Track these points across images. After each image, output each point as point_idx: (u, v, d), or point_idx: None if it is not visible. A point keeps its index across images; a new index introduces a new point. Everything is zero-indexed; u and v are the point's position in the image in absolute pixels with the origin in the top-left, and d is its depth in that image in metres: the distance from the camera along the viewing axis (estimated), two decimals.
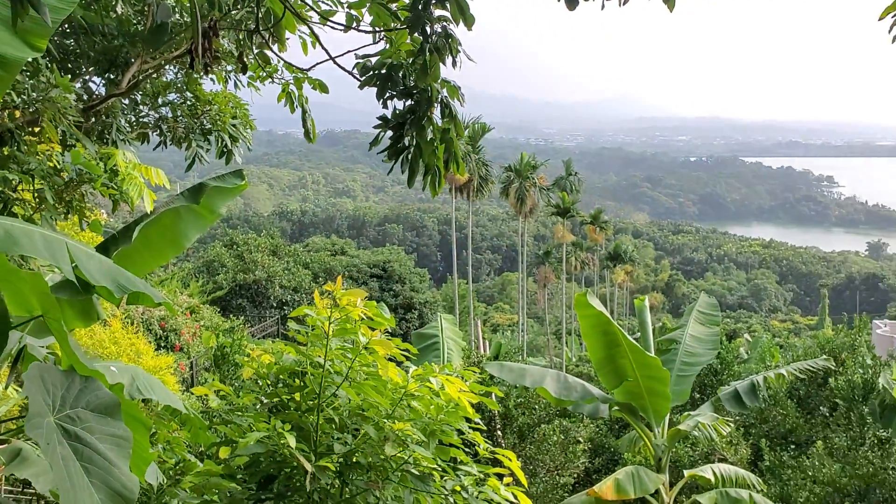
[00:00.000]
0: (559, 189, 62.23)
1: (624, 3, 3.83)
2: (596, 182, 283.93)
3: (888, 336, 49.78)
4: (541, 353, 68.93)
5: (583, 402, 9.50)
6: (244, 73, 6.63)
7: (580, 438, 11.98)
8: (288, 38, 5.71)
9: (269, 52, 6.22)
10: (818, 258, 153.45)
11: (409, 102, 4.43)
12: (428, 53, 4.11)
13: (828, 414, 13.41)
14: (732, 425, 10.76)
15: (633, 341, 9.03)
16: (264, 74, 6.98)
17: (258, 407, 4.78)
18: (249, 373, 4.82)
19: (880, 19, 4.31)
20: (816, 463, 11.25)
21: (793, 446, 12.99)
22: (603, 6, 3.89)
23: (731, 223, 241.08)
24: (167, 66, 7.35)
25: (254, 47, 6.21)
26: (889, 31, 4.27)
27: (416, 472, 4.36)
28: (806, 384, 14.11)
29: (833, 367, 12.93)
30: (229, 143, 7.42)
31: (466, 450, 4.66)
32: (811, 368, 10.40)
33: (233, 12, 5.88)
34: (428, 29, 4.13)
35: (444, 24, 4.16)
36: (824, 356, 11.96)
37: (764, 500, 9.19)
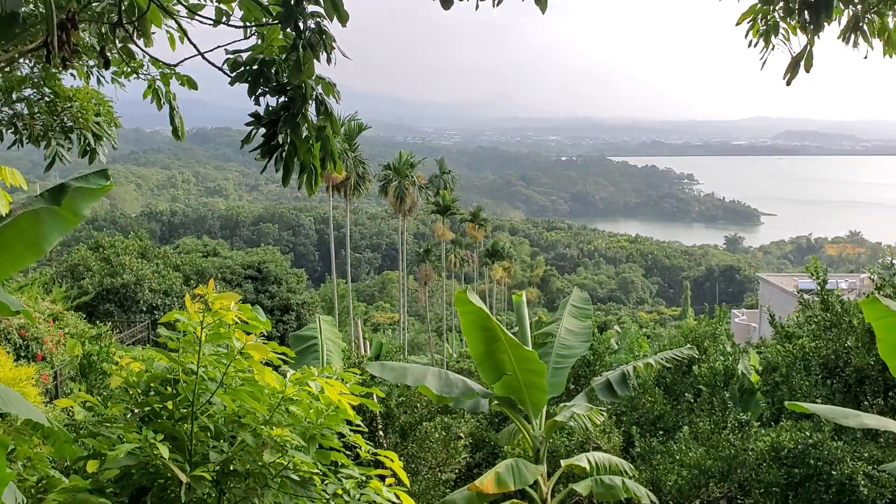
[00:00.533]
0: (434, 187, 62.76)
1: (498, 4, 3.88)
2: (473, 180, 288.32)
3: (745, 324, 53.08)
4: (422, 350, 69.37)
5: (464, 398, 9.60)
6: (107, 69, 6.30)
7: (461, 434, 12.11)
8: (154, 33, 5.46)
9: (133, 47, 5.92)
10: (680, 252, 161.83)
11: (282, 99, 4.32)
12: (301, 50, 4.03)
13: (692, 400, 14.12)
14: (605, 414, 11.16)
15: (512, 336, 9.20)
16: (129, 70, 6.65)
17: (128, 417, 4.55)
18: (118, 381, 4.57)
19: (737, 24, 4.59)
20: (683, 447, 11.79)
21: (661, 432, 13.59)
22: (477, 6, 3.93)
23: (601, 220, 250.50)
24: (22, 60, 6.90)
25: (117, 41, 5.91)
26: (745, 36, 4.56)
27: (297, 478, 4.27)
28: (672, 372, 14.81)
29: (697, 356, 13.66)
30: (92, 142, 7.06)
31: (348, 452, 4.61)
32: (677, 357, 10.95)
33: (93, 4, 5.58)
34: (301, 25, 4.05)
35: (318, 20, 4.08)
36: (689, 345, 12.59)
37: (636, 486, 9.58)
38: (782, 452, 9.90)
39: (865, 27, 4.53)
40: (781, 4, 4.25)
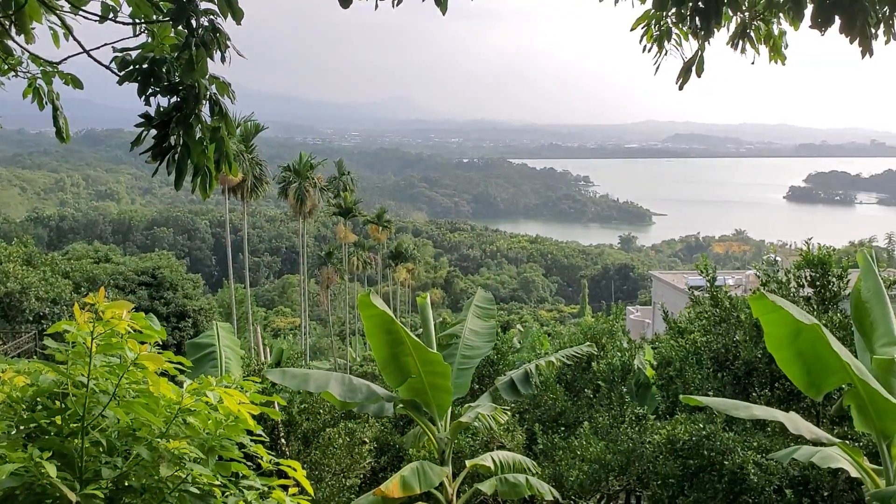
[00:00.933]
0: (335, 189, 62.13)
1: (398, 4, 3.85)
2: (376, 182, 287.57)
3: (640, 320, 54.88)
4: (325, 355, 68.55)
5: (368, 403, 9.50)
6: None
7: (366, 439, 11.99)
8: (34, 28, 5.16)
9: (10, 43, 5.57)
10: (578, 251, 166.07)
11: (174, 99, 4.15)
12: (194, 48, 3.88)
13: (592, 395, 14.46)
14: (509, 413, 11.30)
15: (416, 339, 9.18)
16: (6, 67, 6.26)
17: (13, 434, 4.27)
18: (0, 397, 4.29)
19: (632, 30, 4.71)
20: (584, 442, 12.05)
21: (563, 428, 13.86)
22: (377, 6, 3.88)
23: (502, 221, 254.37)
24: None
25: None
26: (640, 41, 4.68)
27: (196, 491, 4.11)
28: (572, 369, 15.15)
29: (595, 352, 14.01)
30: None
31: (249, 463, 4.47)
32: (577, 354, 11.20)
33: None
34: (193, 22, 3.90)
35: (212, 17, 3.94)
36: (588, 343, 12.92)
37: (539, 482, 9.72)
38: (678, 444, 10.25)
39: (752, 34, 4.74)
40: (674, 10, 4.39)
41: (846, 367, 6.13)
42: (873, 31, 3.81)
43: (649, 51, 4.79)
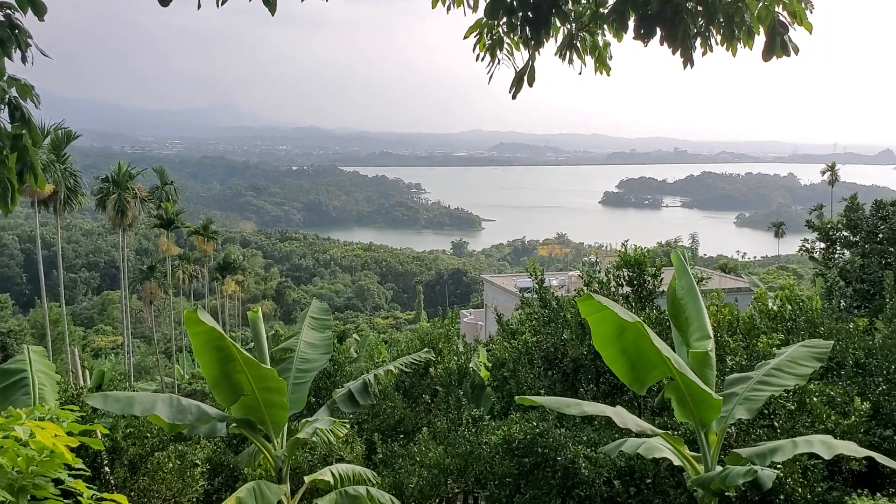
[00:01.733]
0: (157, 199, 59.11)
1: (222, 4, 3.65)
2: (200, 191, 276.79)
3: (473, 323, 56.23)
4: (150, 374, 64.91)
5: (199, 424, 9.01)
6: None
7: (198, 461, 11.40)
8: None
9: None
10: (413, 258, 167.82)
11: None
12: None
13: (430, 400, 14.58)
14: (348, 426, 11.13)
15: (248, 355, 8.82)
16: None
17: None
18: None
19: (465, 38, 4.74)
20: (423, 448, 12.10)
21: (402, 435, 13.86)
22: (199, 5, 3.66)
23: (335, 229, 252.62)
24: None
25: None
26: (473, 50, 4.73)
27: None
28: (410, 376, 15.20)
29: (433, 358, 14.13)
30: None
31: (67, 501, 4.08)
32: (415, 361, 11.22)
33: None
34: None
35: (8, 11, 3.56)
36: (426, 349, 12.98)
37: (379, 493, 9.64)
38: (513, 444, 10.51)
39: (579, 45, 4.92)
40: (505, 20, 4.47)
41: (667, 362, 6.51)
42: (692, 42, 4.07)
43: (482, 60, 4.85)
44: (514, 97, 4.74)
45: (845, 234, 19.18)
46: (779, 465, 7.25)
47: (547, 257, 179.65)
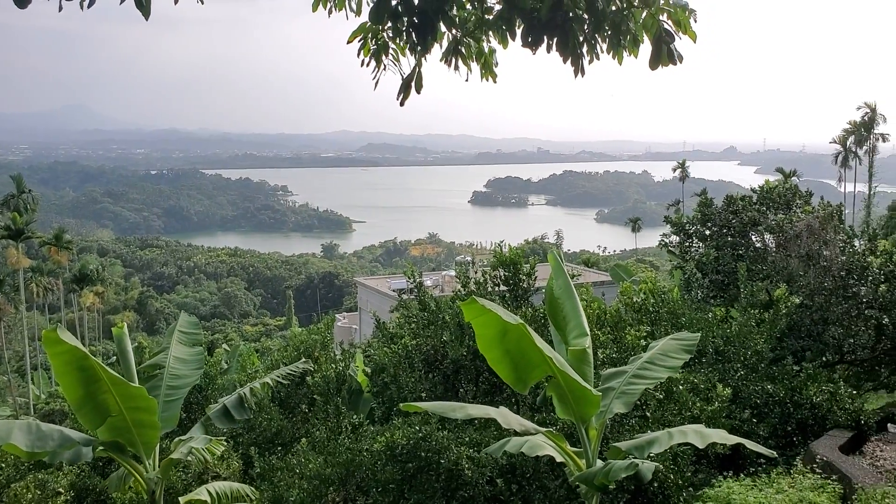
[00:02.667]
0: (9, 209, 55.12)
1: (90, 6, 3.37)
2: (51, 199, 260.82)
3: (347, 327, 55.70)
4: (2, 396, 60.41)
5: (61, 450, 8.39)
6: None
7: (60, 489, 10.67)
8: None
9: None
10: (281, 262, 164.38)
11: None
12: None
13: (307, 410, 14.27)
14: (224, 442, 10.71)
15: (115, 374, 8.30)
16: None
17: None
18: None
19: (349, 43, 4.61)
20: (302, 459, 11.83)
21: (280, 448, 13.50)
22: (60, 8, 3.36)
23: (198, 235, 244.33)
24: None
25: None
26: (358, 55, 4.59)
27: None
28: (286, 386, 14.83)
29: (311, 367, 13.84)
30: None
31: None
32: (293, 372, 10.93)
33: None
34: None
35: None
36: (303, 359, 12.70)
37: None
38: (396, 450, 10.42)
39: (464, 50, 4.88)
40: (390, 24, 4.36)
41: (548, 361, 6.61)
42: (581, 51, 4.12)
43: (367, 65, 4.73)
44: (402, 104, 4.65)
45: (700, 227, 20.25)
46: (655, 456, 7.53)
47: (419, 257, 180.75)
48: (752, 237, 19.03)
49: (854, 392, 14.02)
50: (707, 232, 20.02)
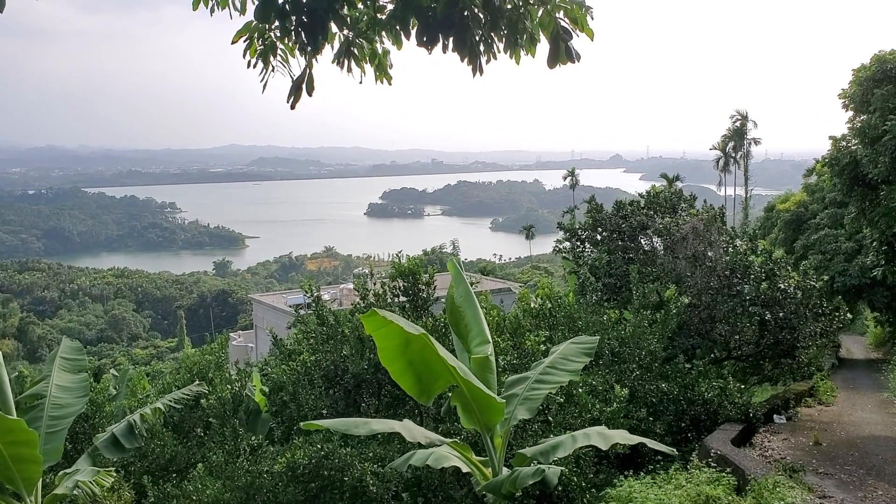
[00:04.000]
0: None
1: None
2: None
3: (243, 345, 54.20)
4: None
5: None
6: None
7: None
8: None
9: None
10: (171, 282, 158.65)
11: None
12: None
13: (203, 434, 13.71)
14: (113, 472, 10.13)
15: None
16: None
17: None
18: None
19: (233, 43, 4.39)
20: (199, 485, 11.32)
21: (175, 475, 12.91)
22: None
23: (81, 256, 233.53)
24: None
25: None
26: (244, 56, 4.37)
27: None
28: (180, 410, 14.20)
29: (205, 389, 13.30)
30: None
31: None
32: (186, 395, 10.46)
33: None
34: None
35: None
36: (197, 382, 12.18)
37: None
38: (298, 470, 10.13)
39: (357, 52, 4.73)
40: (277, 24, 4.18)
41: (451, 371, 6.54)
42: (479, 49, 4.05)
43: (254, 67, 4.51)
44: (292, 107, 4.46)
45: (591, 233, 20.78)
46: (559, 460, 7.57)
47: (316, 271, 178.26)
48: (642, 240, 19.66)
49: (742, 386, 14.67)
50: (598, 237, 20.56)
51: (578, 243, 21.06)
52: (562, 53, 4.10)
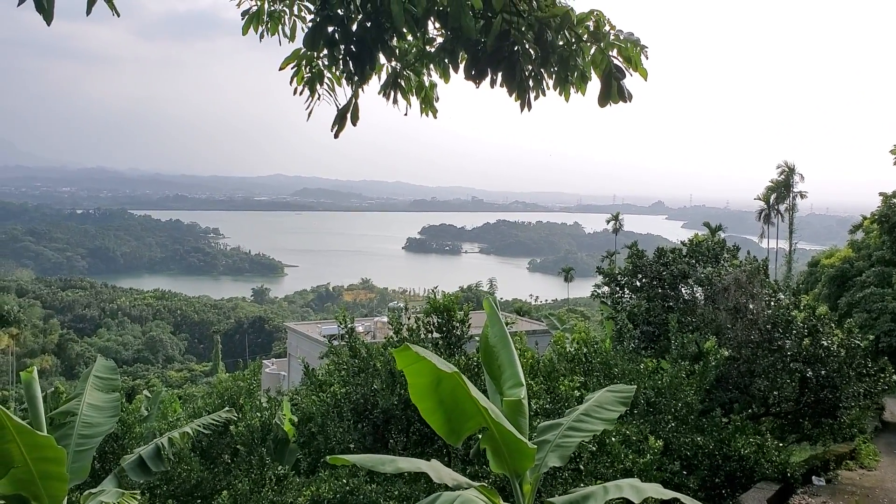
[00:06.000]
0: None
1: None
2: None
3: (276, 373, 54.41)
4: None
5: None
6: None
7: None
8: None
9: None
10: (210, 306, 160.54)
11: None
12: None
13: (230, 461, 13.66)
14: (138, 495, 10.10)
15: (21, 421, 7.73)
16: None
17: None
18: None
19: (281, 69, 4.41)
20: None
21: (199, 501, 12.86)
22: None
23: (123, 276, 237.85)
24: None
25: None
26: (291, 83, 4.39)
27: None
28: (209, 436, 14.19)
29: (235, 416, 13.27)
30: None
31: None
32: (216, 420, 10.44)
33: None
34: None
35: None
36: (227, 408, 12.16)
37: None
38: None
39: (403, 83, 4.73)
40: (326, 52, 4.19)
41: (483, 412, 6.39)
42: (527, 84, 4.01)
43: (301, 94, 4.53)
44: (336, 136, 4.45)
45: (631, 279, 20.52)
46: None
47: (352, 302, 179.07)
48: (682, 289, 19.34)
49: (780, 444, 14.21)
50: (638, 283, 20.27)
51: (618, 289, 20.80)
52: (614, 93, 4.03)
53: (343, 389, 12.91)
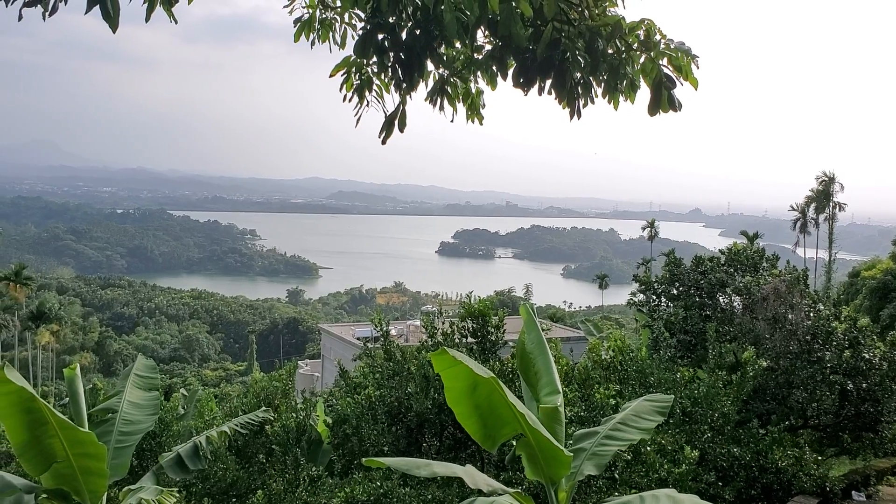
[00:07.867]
0: None
1: (51, 14, 3.19)
2: (12, 234, 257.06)
3: (309, 374, 54.80)
4: None
5: (1, 497, 7.97)
6: None
7: None
8: None
9: None
10: (245, 306, 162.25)
11: None
12: None
13: (265, 460, 13.79)
14: (176, 493, 10.24)
15: (63, 417, 7.90)
16: None
17: None
18: None
19: (331, 76, 4.47)
20: None
21: (234, 499, 13.00)
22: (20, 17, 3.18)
23: (161, 276, 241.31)
24: None
25: None
26: (340, 90, 4.44)
27: None
28: (245, 435, 14.34)
29: (271, 416, 13.40)
30: None
31: None
32: (252, 420, 10.55)
33: None
34: None
35: None
36: (263, 408, 12.29)
37: None
38: None
39: (450, 90, 4.75)
40: (375, 59, 4.23)
41: (520, 418, 6.38)
42: (576, 92, 4.01)
43: (350, 100, 4.58)
44: (384, 142, 4.49)
45: (668, 287, 20.30)
46: None
47: (385, 305, 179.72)
48: (720, 298, 19.09)
49: (818, 458, 13.96)
50: (675, 291, 20.06)
51: (654, 297, 20.59)
52: (664, 101, 4.00)
53: (377, 392, 12.96)
